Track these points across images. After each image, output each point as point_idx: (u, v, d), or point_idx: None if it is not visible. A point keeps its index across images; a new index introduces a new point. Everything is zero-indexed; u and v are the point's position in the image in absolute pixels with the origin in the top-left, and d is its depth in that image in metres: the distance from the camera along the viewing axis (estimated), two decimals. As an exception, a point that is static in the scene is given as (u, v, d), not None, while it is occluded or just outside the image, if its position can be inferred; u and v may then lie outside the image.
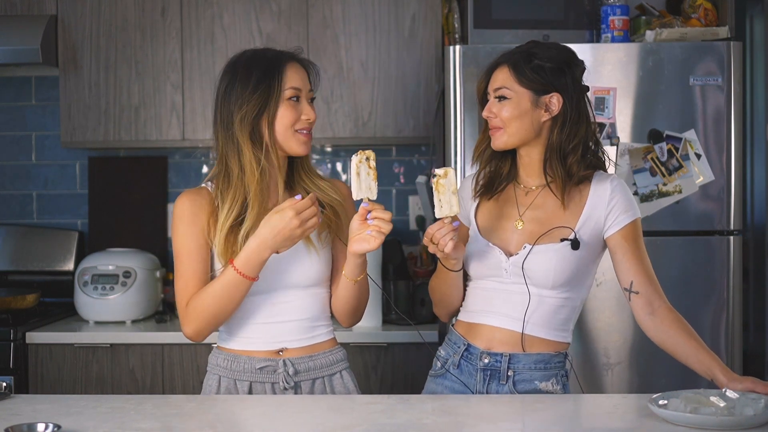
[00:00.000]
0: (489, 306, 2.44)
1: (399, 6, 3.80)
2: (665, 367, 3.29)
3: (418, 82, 3.80)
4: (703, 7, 3.54)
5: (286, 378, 2.38)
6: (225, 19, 3.83)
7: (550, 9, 3.56)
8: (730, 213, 3.29)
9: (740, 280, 3.32)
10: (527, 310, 2.39)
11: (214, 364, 2.45)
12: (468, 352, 2.45)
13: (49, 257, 4.14)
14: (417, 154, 4.18)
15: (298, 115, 2.37)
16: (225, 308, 2.33)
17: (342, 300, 2.44)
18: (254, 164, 2.34)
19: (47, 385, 3.55)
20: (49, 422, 1.94)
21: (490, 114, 2.43)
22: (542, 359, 2.40)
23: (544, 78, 2.41)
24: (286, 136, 2.36)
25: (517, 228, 2.45)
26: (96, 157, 4.22)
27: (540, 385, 2.38)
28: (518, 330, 2.40)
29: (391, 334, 3.53)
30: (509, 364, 2.40)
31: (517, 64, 2.42)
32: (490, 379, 2.41)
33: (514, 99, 2.40)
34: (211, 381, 2.43)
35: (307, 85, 2.41)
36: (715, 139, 3.28)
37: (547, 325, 2.40)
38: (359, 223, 2.27)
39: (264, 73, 2.36)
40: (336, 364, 2.47)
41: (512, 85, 2.41)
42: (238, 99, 2.35)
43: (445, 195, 2.29)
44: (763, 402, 1.96)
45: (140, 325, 3.74)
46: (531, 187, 2.48)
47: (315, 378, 2.42)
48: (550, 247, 2.38)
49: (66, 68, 3.86)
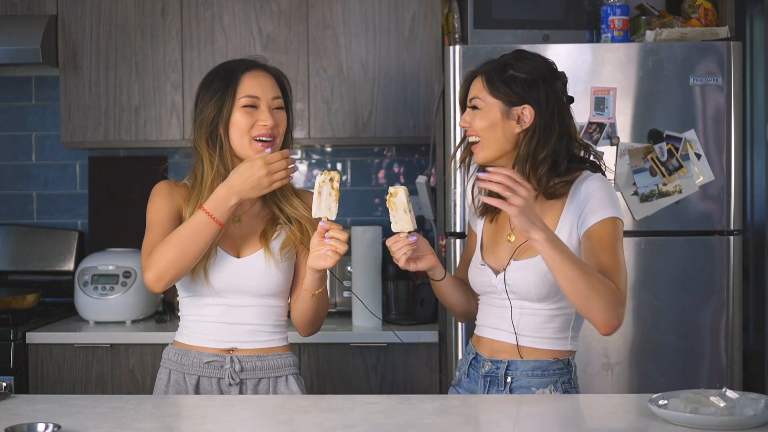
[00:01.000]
0: (488, 320, 2.49)
1: (399, 6, 3.80)
2: (665, 368, 3.29)
3: (418, 82, 3.80)
4: (703, 7, 3.54)
5: (232, 374, 2.45)
6: (225, 20, 3.83)
7: (550, 9, 3.56)
8: (730, 213, 3.29)
9: (740, 280, 3.32)
10: (513, 321, 2.41)
11: (165, 358, 2.54)
12: (475, 360, 2.49)
13: (49, 257, 4.14)
14: (417, 154, 4.18)
15: (253, 121, 2.43)
16: (189, 250, 2.36)
17: (300, 311, 2.52)
18: (210, 169, 2.45)
19: (47, 385, 3.55)
20: (49, 422, 1.94)
21: (465, 123, 2.45)
22: (540, 366, 2.40)
23: (514, 90, 2.39)
24: (242, 144, 2.44)
25: (509, 242, 2.46)
26: (96, 157, 4.22)
27: (537, 391, 2.38)
28: (513, 342, 2.42)
29: (391, 334, 3.53)
30: (507, 371, 2.41)
31: (489, 75, 2.43)
32: (490, 385, 2.43)
33: (485, 109, 2.41)
34: (162, 375, 2.53)
35: (271, 93, 2.46)
36: (715, 139, 3.28)
37: (540, 335, 2.40)
38: (318, 240, 2.35)
39: (222, 80, 2.47)
40: (284, 367, 2.53)
41: (484, 95, 2.42)
42: (199, 105, 2.48)
43: (397, 212, 2.40)
44: (763, 402, 1.96)
45: (140, 325, 3.74)
46: None
47: (260, 378, 2.49)
48: (531, 261, 2.37)
49: (66, 68, 3.86)
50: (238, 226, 2.50)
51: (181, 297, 2.54)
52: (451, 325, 3.30)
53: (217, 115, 2.44)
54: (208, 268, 2.43)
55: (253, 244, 2.49)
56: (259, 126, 2.43)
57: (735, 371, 3.29)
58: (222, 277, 2.44)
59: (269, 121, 2.43)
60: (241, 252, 2.49)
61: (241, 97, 2.43)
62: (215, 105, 2.44)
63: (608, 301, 2.22)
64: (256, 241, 2.50)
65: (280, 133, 2.47)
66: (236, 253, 2.48)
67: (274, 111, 2.46)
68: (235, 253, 2.48)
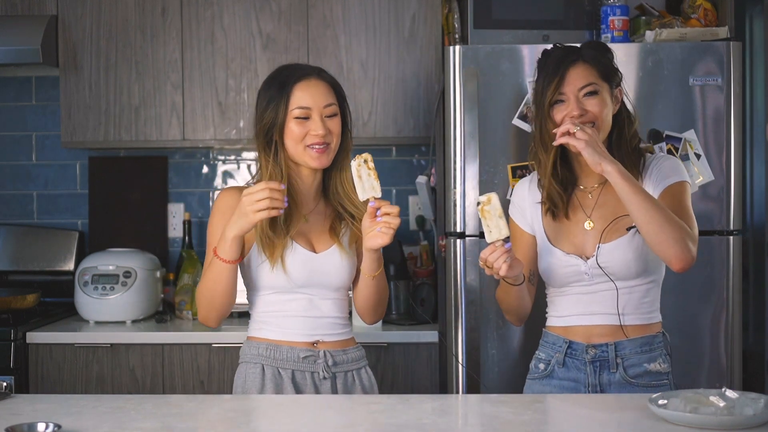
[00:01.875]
0: (581, 309, 2.52)
1: (399, 6, 3.80)
2: (665, 367, 3.28)
3: (418, 82, 3.80)
4: (703, 7, 3.54)
5: (326, 368, 2.53)
6: (225, 20, 3.83)
7: (550, 9, 3.56)
8: (729, 213, 3.30)
9: (740, 280, 3.32)
10: (619, 304, 2.46)
11: (254, 354, 2.56)
12: (571, 348, 2.51)
13: (49, 257, 4.14)
14: (417, 154, 4.18)
15: (306, 131, 2.51)
16: (215, 291, 2.50)
17: (363, 297, 2.62)
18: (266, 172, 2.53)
19: (47, 385, 3.55)
20: (49, 422, 1.94)
21: (582, 110, 2.45)
22: (646, 341, 2.48)
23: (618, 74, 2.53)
24: (297, 151, 2.53)
25: (587, 229, 2.51)
26: (96, 157, 4.22)
27: (649, 366, 2.47)
28: (614, 323, 2.47)
29: (391, 334, 3.53)
30: (616, 352, 2.47)
31: (596, 59, 2.50)
32: (600, 369, 2.48)
33: (601, 93, 2.48)
34: (253, 369, 2.55)
35: (322, 101, 2.54)
36: (714, 139, 3.28)
37: (640, 311, 2.49)
38: (370, 221, 2.43)
39: (276, 91, 2.55)
40: (361, 359, 2.64)
41: (598, 80, 2.48)
42: (257, 111, 2.57)
43: (492, 220, 2.35)
44: (763, 402, 1.96)
45: (140, 325, 3.74)
46: (592, 185, 2.55)
47: (347, 371, 2.58)
48: (622, 240, 2.45)
49: (66, 68, 3.86)
50: (308, 225, 2.58)
51: (260, 293, 2.58)
52: (451, 325, 3.30)
53: (272, 123, 2.52)
54: (288, 263, 2.51)
55: (325, 240, 2.59)
56: (312, 135, 2.51)
57: (735, 371, 3.29)
58: (304, 272, 2.53)
59: (320, 131, 2.50)
60: (317, 247, 2.57)
61: (293, 108, 2.51)
62: (271, 114, 2.53)
63: (681, 234, 2.33)
64: (328, 237, 2.59)
65: (333, 139, 2.55)
66: (312, 249, 2.56)
67: (327, 119, 2.54)
68: (311, 249, 2.56)
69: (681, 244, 2.32)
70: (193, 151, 4.21)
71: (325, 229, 2.61)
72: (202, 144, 3.87)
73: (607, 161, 2.32)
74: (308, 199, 2.62)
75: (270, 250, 2.51)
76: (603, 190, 2.52)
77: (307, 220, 2.58)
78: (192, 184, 4.22)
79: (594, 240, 2.49)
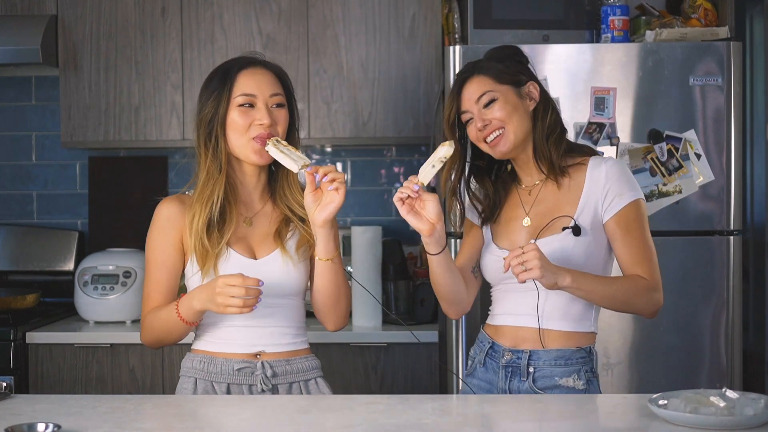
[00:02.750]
0: (507, 308, 2.48)
1: (399, 6, 3.80)
2: (665, 367, 3.29)
3: (418, 82, 3.80)
4: (703, 7, 3.54)
5: (264, 380, 2.38)
6: (225, 20, 3.83)
7: (550, 9, 3.56)
8: (730, 213, 3.29)
9: (740, 280, 3.32)
10: (539, 305, 2.39)
11: (189, 367, 2.44)
12: (492, 350, 2.48)
13: (49, 257, 4.14)
14: (417, 154, 4.18)
15: (251, 120, 2.37)
16: (167, 337, 2.41)
17: (321, 289, 2.42)
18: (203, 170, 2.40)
19: (47, 385, 3.55)
20: (49, 422, 1.94)
21: (485, 121, 2.42)
22: (563, 355, 2.40)
23: (516, 68, 2.46)
24: (239, 144, 2.38)
25: (524, 226, 2.47)
26: (96, 157, 4.22)
27: (560, 381, 2.39)
28: (536, 326, 2.41)
29: (391, 334, 3.53)
30: (529, 361, 2.41)
31: (486, 67, 2.46)
32: (512, 376, 2.43)
33: (501, 98, 2.42)
34: (186, 384, 2.42)
35: (268, 90, 2.40)
36: (715, 139, 3.28)
37: (564, 316, 2.41)
38: (312, 194, 2.30)
39: (219, 79, 2.42)
40: (312, 370, 2.47)
41: (492, 86, 2.43)
42: (198, 105, 2.44)
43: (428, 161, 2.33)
44: (763, 402, 1.96)
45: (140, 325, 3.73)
46: (533, 183, 2.50)
47: (291, 382, 2.43)
48: (554, 238, 2.39)
49: (66, 68, 3.86)
50: (250, 228, 2.44)
51: None
52: (451, 325, 3.30)
53: (214, 114, 2.38)
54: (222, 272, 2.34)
55: (268, 245, 2.43)
56: (256, 126, 2.37)
57: (735, 371, 3.29)
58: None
59: (266, 120, 2.36)
60: (258, 253, 2.42)
61: (236, 95, 2.38)
62: (212, 104, 2.39)
63: (644, 298, 2.36)
64: (271, 242, 2.43)
65: (279, 132, 2.39)
66: (252, 255, 2.41)
67: (273, 109, 2.40)
68: (250, 255, 2.41)
69: (646, 307, 2.39)
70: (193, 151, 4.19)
71: (270, 233, 2.44)
72: (202, 144, 3.86)
73: (560, 277, 2.25)
74: (252, 200, 2.47)
75: (201, 260, 2.35)
76: (543, 187, 2.48)
77: (250, 223, 2.44)
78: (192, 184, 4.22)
79: (528, 237, 2.45)
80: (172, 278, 2.43)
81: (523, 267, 2.22)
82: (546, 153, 2.44)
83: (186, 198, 2.45)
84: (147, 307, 2.44)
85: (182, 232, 2.40)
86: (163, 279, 2.42)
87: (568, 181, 2.45)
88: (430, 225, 2.34)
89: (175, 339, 2.41)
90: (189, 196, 2.45)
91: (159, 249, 2.41)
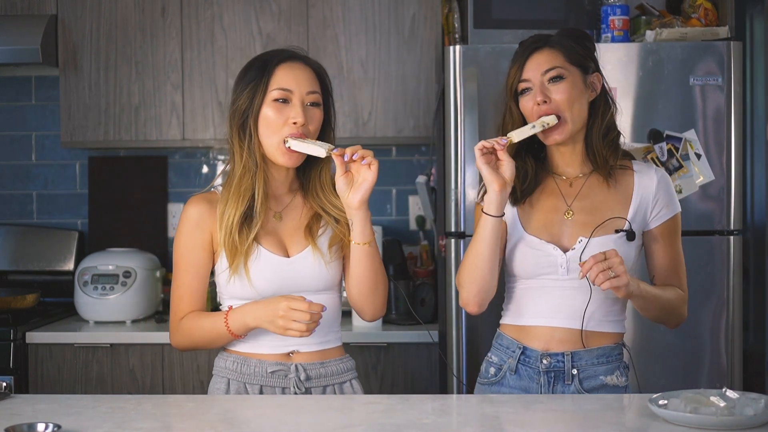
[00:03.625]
0: (544, 306, 2.37)
1: (399, 6, 3.80)
2: (665, 368, 3.29)
3: (418, 82, 3.80)
4: (703, 6, 3.53)
5: (297, 383, 2.35)
6: (225, 20, 3.83)
7: (550, 9, 3.56)
8: (730, 213, 3.29)
9: (740, 280, 3.32)
10: (588, 307, 2.32)
11: (222, 366, 2.40)
12: (525, 355, 2.38)
13: (49, 257, 4.14)
14: (417, 154, 4.18)
15: (285, 118, 2.30)
16: (208, 345, 2.40)
17: (358, 279, 2.36)
18: (239, 163, 2.33)
19: (47, 385, 3.55)
20: (49, 422, 1.93)
21: (546, 97, 2.30)
22: (603, 353, 2.36)
23: (587, 53, 2.37)
24: (271, 143, 2.31)
25: (567, 220, 2.37)
26: (96, 156, 4.22)
27: (605, 379, 2.35)
28: (577, 327, 2.34)
29: (391, 334, 3.53)
30: (573, 363, 2.34)
31: (562, 43, 2.35)
32: (555, 380, 2.35)
33: (569, 78, 2.32)
34: (219, 384, 2.39)
35: (306, 86, 2.33)
36: (715, 139, 3.28)
37: (607, 318, 2.37)
38: (344, 177, 2.24)
39: (257, 71, 2.34)
40: (346, 372, 2.43)
41: (564, 63, 2.33)
42: (233, 96, 2.36)
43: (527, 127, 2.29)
44: (763, 402, 1.96)
45: (140, 325, 3.74)
46: (574, 176, 2.42)
47: (325, 385, 2.39)
48: (607, 238, 2.31)
49: (66, 68, 3.86)
50: (281, 223, 2.38)
51: (227, 303, 2.39)
52: (451, 325, 3.30)
53: (248, 106, 2.31)
54: (253, 271, 2.31)
55: (299, 241, 2.37)
56: (290, 125, 2.29)
57: (735, 371, 3.29)
58: (273, 280, 2.32)
59: (300, 118, 2.28)
60: (290, 250, 2.36)
61: (273, 89, 2.30)
62: (248, 96, 2.31)
63: (678, 311, 2.39)
64: (302, 238, 2.37)
65: (311, 132, 2.32)
66: (284, 252, 2.36)
67: (308, 107, 2.32)
68: (283, 253, 2.35)
69: (678, 318, 2.42)
70: (193, 151, 4.21)
71: (300, 228, 2.37)
72: (202, 144, 3.87)
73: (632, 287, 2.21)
74: (281, 193, 2.40)
75: (231, 257, 2.30)
76: (587, 182, 2.39)
77: (280, 218, 2.38)
78: (192, 184, 4.22)
79: (574, 232, 2.35)
80: (203, 281, 2.39)
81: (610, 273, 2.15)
82: (601, 151, 2.35)
83: (213, 195, 2.39)
84: (180, 312, 2.39)
85: (212, 232, 2.36)
86: (195, 283, 2.38)
87: (614, 182, 2.38)
88: (503, 180, 2.26)
89: (216, 347, 2.41)
90: (215, 192, 2.40)
91: (188, 252, 2.37)
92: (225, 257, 2.32)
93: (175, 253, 2.40)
